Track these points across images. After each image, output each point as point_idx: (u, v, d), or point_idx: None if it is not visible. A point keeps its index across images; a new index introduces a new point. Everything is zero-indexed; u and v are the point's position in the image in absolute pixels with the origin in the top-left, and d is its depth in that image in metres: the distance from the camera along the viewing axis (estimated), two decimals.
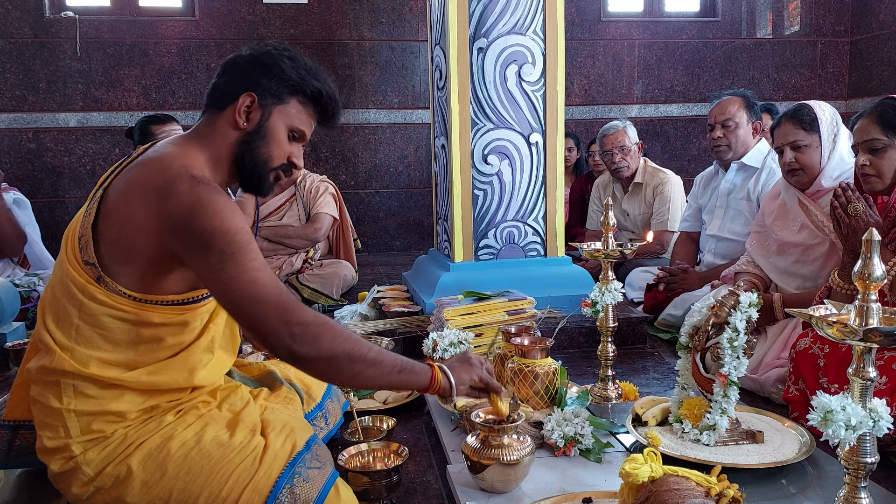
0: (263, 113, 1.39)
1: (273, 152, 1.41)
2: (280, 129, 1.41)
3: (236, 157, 1.39)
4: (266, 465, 1.28)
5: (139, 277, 1.28)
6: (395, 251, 5.50)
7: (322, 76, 1.44)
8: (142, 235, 1.26)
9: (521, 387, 1.83)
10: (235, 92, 1.38)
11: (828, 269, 2.28)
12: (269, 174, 1.43)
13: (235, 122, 1.37)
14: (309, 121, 1.45)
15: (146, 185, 1.28)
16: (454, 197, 2.92)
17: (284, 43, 1.46)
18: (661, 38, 5.68)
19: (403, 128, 5.44)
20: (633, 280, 3.40)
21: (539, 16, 2.90)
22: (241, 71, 1.40)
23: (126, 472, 1.27)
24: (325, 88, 1.43)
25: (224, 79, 1.41)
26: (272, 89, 1.39)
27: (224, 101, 1.39)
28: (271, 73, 1.39)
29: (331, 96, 1.44)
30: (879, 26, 5.50)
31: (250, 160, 1.40)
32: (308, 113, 1.44)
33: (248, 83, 1.38)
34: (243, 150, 1.39)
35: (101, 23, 5.00)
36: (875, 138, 1.97)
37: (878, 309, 1.14)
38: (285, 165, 1.44)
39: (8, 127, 4.95)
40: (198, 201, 1.23)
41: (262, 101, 1.38)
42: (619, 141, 3.75)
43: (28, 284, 3.17)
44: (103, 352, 1.29)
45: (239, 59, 1.42)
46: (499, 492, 1.50)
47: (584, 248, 2.06)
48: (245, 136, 1.39)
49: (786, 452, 1.61)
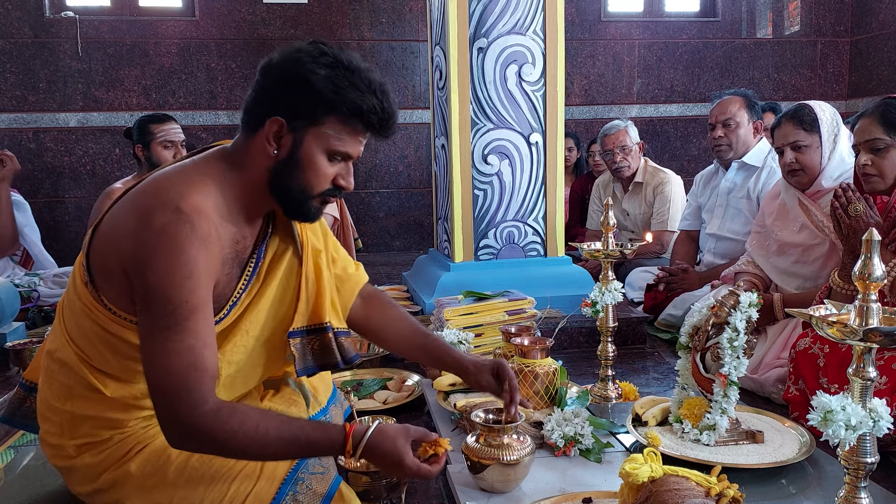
0: (295, 138, 1.23)
1: (311, 180, 1.25)
2: (317, 155, 1.24)
3: (272, 186, 1.26)
4: (268, 472, 1.27)
5: (116, 293, 1.22)
6: (395, 251, 5.50)
7: (365, 83, 1.23)
8: (113, 255, 1.20)
9: (521, 387, 1.83)
10: (263, 114, 1.23)
11: (828, 269, 2.28)
12: (310, 202, 1.28)
13: (266, 150, 1.24)
14: (354, 139, 1.26)
15: (136, 202, 1.21)
16: (454, 197, 2.92)
17: (321, 43, 1.24)
18: (661, 38, 5.68)
19: (403, 128, 5.44)
20: (633, 280, 3.40)
21: (539, 16, 2.90)
22: (269, 87, 1.24)
23: (125, 478, 1.26)
24: (367, 102, 1.22)
25: (254, 94, 1.26)
26: (303, 110, 1.21)
27: (255, 124, 1.25)
28: (301, 90, 1.21)
29: (374, 109, 1.23)
30: (879, 26, 5.50)
31: (286, 190, 1.26)
32: (352, 130, 1.25)
33: (274, 105, 1.22)
34: (277, 179, 1.25)
35: (101, 23, 5.00)
36: (877, 138, 1.97)
37: (878, 309, 1.14)
38: (330, 190, 1.28)
39: (8, 127, 4.95)
40: (155, 252, 1.13)
41: (291, 124, 1.22)
42: (620, 140, 3.75)
43: (28, 284, 3.17)
44: (95, 355, 1.27)
45: (268, 69, 1.25)
46: (499, 492, 1.49)
47: (584, 248, 2.06)
48: (277, 165, 1.24)
49: (786, 452, 1.61)
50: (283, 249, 1.39)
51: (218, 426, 1.13)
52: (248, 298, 1.34)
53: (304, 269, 1.40)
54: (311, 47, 1.24)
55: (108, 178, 4.90)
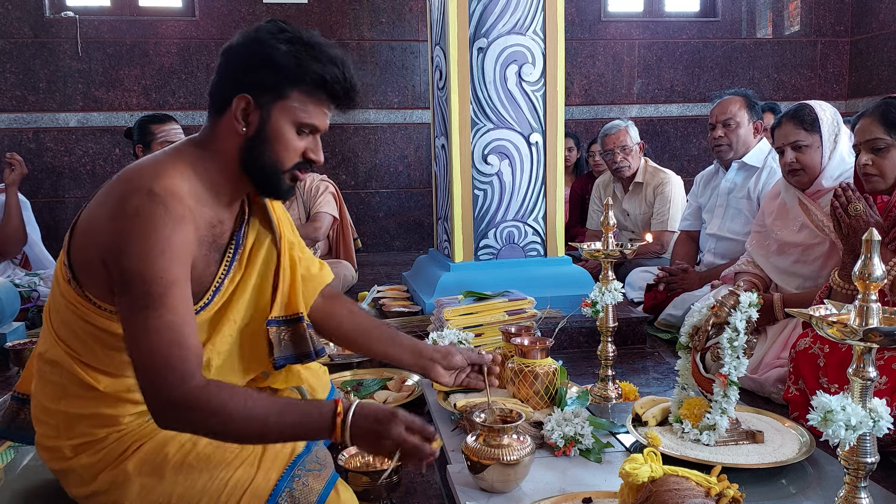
0: (262, 114, 1.25)
1: (281, 154, 1.28)
2: (285, 128, 1.26)
3: (244, 165, 1.28)
4: (265, 468, 1.27)
5: (99, 286, 1.23)
6: (395, 251, 5.50)
7: (326, 54, 1.26)
8: (92, 247, 1.21)
9: (521, 387, 1.83)
10: (229, 94, 1.26)
11: (828, 269, 2.28)
12: (282, 177, 1.30)
13: (235, 128, 1.26)
14: (320, 110, 1.29)
15: (110, 192, 1.23)
16: (454, 197, 2.92)
17: (280, 21, 1.28)
18: (661, 38, 5.68)
19: (403, 128, 5.44)
20: (633, 280, 3.40)
21: (539, 16, 2.90)
22: (233, 67, 1.27)
23: (123, 478, 1.25)
24: (329, 72, 1.25)
25: (218, 77, 1.30)
26: (268, 85, 1.24)
27: (221, 105, 1.28)
28: (264, 65, 1.24)
29: (337, 79, 1.26)
30: (879, 26, 5.50)
31: (259, 167, 1.28)
32: (316, 101, 1.27)
33: (239, 83, 1.25)
34: (249, 156, 1.27)
35: (101, 23, 5.00)
36: (878, 138, 1.97)
37: (878, 309, 1.14)
38: (301, 163, 1.31)
39: (8, 127, 4.95)
40: (130, 234, 1.15)
41: (258, 100, 1.25)
42: (620, 140, 3.75)
43: (28, 284, 3.17)
44: (84, 351, 1.27)
45: (230, 51, 1.29)
46: (499, 492, 1.49)
47: (584, 248, 2.06)
48: (247, 142, 1.27)
49: (786, 452, 1.61)
50: (263, 238, 1.42)
51: (205, 401, 1.12)
52: (232, 286, 1.35)
53: (282, 260, 1.43)
54: (270, 25, 1.27)
55: (107, 178, 4.86)
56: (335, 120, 5.66)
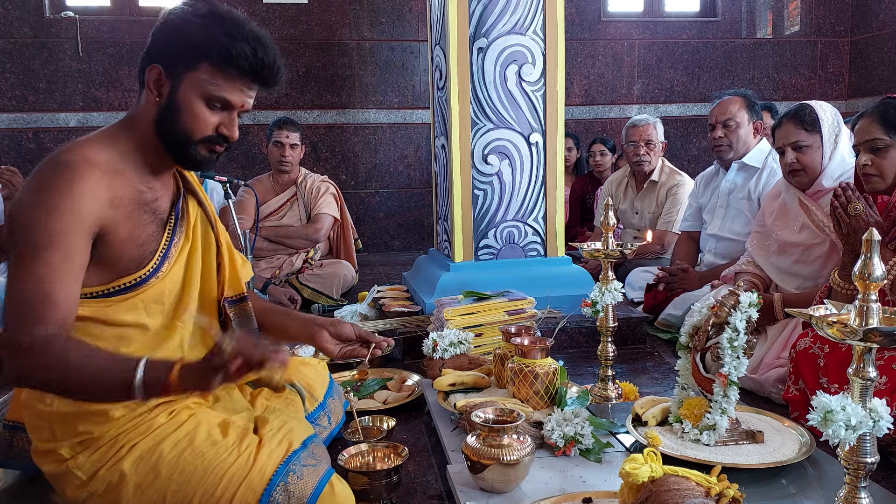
0: (173, 84, 1.29)
1: (190, 125, 1.30)
2: (193, 99, 1.29)
3: (158, 134, 1.32)
4: (260, 462, 1.27)
5: None
6: (395, 251, 5.50)
7: (241, 31, 1.28)
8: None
9: (521, 387, 1.83)
10: (146, 66, 1.31)
11: (828, 269, 2.28)
12: (192, 147, 1.33)
13: (151, 99, 1.31)
14: (231, 85, 1.30)
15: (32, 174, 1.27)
16: (454, 197, 2.92)
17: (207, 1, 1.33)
18: (661, 38, 5.68)
19: (403, 128, 5.44)
20: (633, 280, 3.40)
21: (539, 16, 2.90)
22: (153, 41, 1.32)
23: (119, 477, 1.26)
24: (236, 48, 1.26)
25: (143, 53, 1.33)
26: (179, 57, 1.28)
27: (142, 80, 1.32)
28: (176, 38, 1.29)
29: (244, 54, 1.28)
30: (879, 26, 5.50)
31: (170, 135, 1.31)
32: (225, 76, 1.29)
33: (154, 55, 1.30)
34: (161, 126, 1.31)
35: (101, 23, 5.00)
36: (877, 138, 1.98)
37: (878, 309, 1.14)
38: (214, 137, 1.33)
39: (8, 127, 4.95)
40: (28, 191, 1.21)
41: (169, 71, 1.29)
42: (646, 134, 3.76)
43: None
44: None
45: (155, 28, 1.33)
46: (499, 492, 1.49)
47: (584, 248, 2.06)
48: (160, 112, 1.31)
49: (786, 452, 1.61)
50: (200, 216, 1.47)
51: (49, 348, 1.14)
52: (181, 256, 1.38)
53: (221, 239, 1.49)
54: (193, 2, 1.32)
55: None
56: (335, 120, 5.64)
